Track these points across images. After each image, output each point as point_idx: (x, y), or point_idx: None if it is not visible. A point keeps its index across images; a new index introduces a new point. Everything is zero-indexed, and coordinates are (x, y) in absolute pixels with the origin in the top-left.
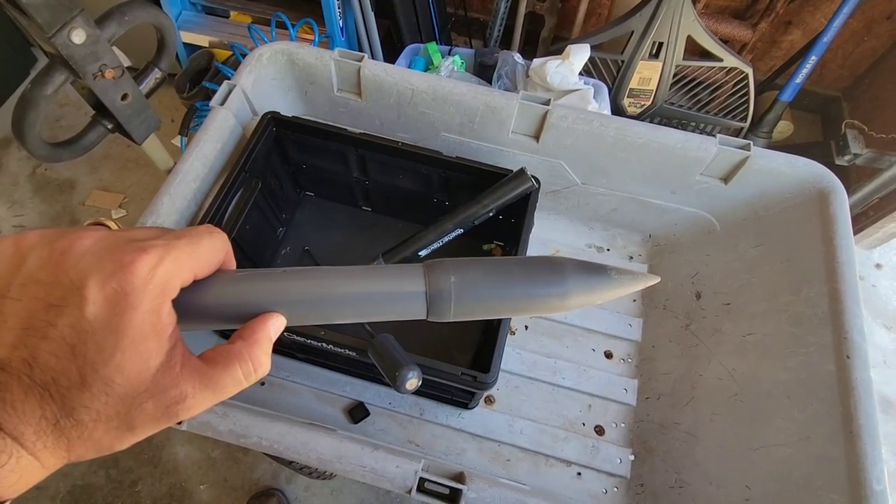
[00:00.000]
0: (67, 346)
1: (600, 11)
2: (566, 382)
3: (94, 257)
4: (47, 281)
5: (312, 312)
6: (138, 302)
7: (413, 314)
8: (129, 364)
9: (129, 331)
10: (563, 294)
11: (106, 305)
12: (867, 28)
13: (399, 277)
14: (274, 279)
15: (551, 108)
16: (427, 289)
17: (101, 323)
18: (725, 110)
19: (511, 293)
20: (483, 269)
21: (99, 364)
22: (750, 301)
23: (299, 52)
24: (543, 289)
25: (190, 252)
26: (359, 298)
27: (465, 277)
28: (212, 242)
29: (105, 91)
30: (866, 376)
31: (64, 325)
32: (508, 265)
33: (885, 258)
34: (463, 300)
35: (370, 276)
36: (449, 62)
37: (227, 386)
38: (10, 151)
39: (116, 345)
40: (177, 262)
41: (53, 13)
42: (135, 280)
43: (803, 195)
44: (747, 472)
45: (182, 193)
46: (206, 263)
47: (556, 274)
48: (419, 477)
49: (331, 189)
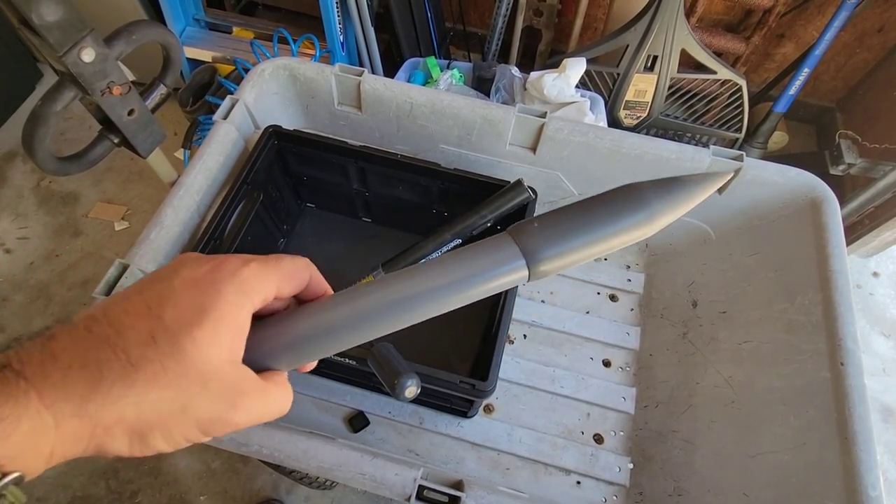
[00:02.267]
0: (144, 306)
1: (596, 25)
2: (565, 391)
3: (197, 256)
4: (169, 270)
5: (415, 312)
6: (224, 288)
7: (516, 281)
8: (205, 341)
9: (210, 310)
10: (649, 217)
11: (193, 285)
12: (859, 40)
13: (491, 253)
14: (348, 302)
15: (547, 121)
16: (523, 252)
17: (187, 296)
18: (720, 121)
19: (600, 231)
20: (566, 215)
21: (175, 329)
22: (745, 309)
23: (300, 68)
24: (629, 218)
25: (274, 266)
26: (461, 286)
27: (551, 229)
28: (293, 262)
29: (112, 107)
30: (860, 383)
31: (151, 291)
32: (589, 204)
33: (881, 266)
34: (557, 251)
35: (464, 262)
36: (448, 76)
37: (277, 404)
38: (14, 164)
39: (193, 317)
40: (262, 268)
41: (65, 33)
42: (222, 272)
43: (796, 204)
44: (745, 480)
45: (185, 206)
46: (288, 277)
47: (637, 199)
48: (418, 484)
49: (331, 201)
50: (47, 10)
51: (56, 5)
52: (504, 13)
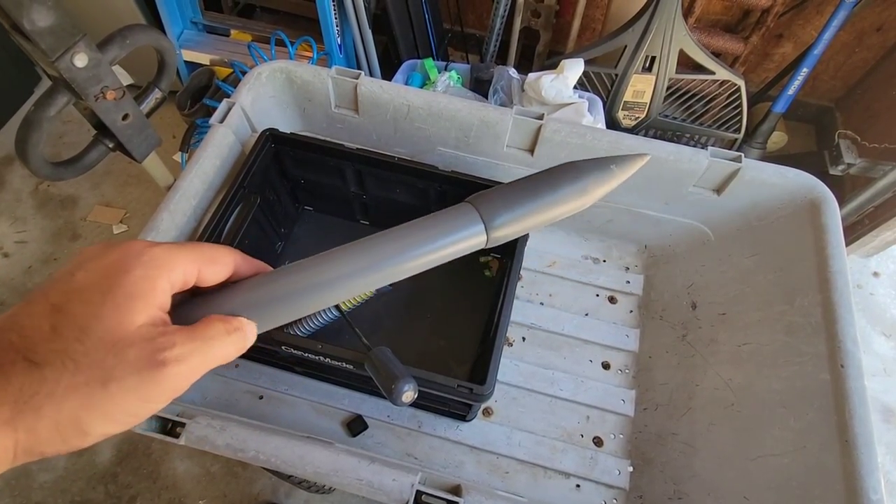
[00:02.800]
0: (49, 307)
1: (594, 26)
2: (564, 394)
3: (104, 246)
4: (67, 272)
5: (384, 271)
6: (131, 267)
7: (475, 245)
8: (109, 315)
9: (116, 290)
10: (585, 188)
11: (99, 271)
12: (858, 40)
13: (453, 219)
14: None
15: (545, 123)
16: (482, 217)
17: (91, 284)
18: (719, 122)
19: (547, 198)
20: (518, 186)
21: (77, 315)
22: (744, 311)
23: (297, 71)
24: (570, 187)
25: (191, 248)
26: (426, 246)
27: (505, 197)
28: (213, 247)
29: (106, 112)
30: (860, 385)
31: (54, 289)
32: (537, 177)
33: (882, 266)
34: (511, 216)
35: (429, 225)
36: (445, 77)
37: (215, 337)
38: (13, 168)
39: (100, 300)
40: (175, 247)
41: (57, 39)
42: (129, 252)
43: (795, 205)
44: (745, 483)
45: (182, 210)
46: (208, 260)
47: (576, 173)
48: (416, 490)
49: (329, 203)
50: (39, 15)
51: (48, 11)
52: (502, 14)
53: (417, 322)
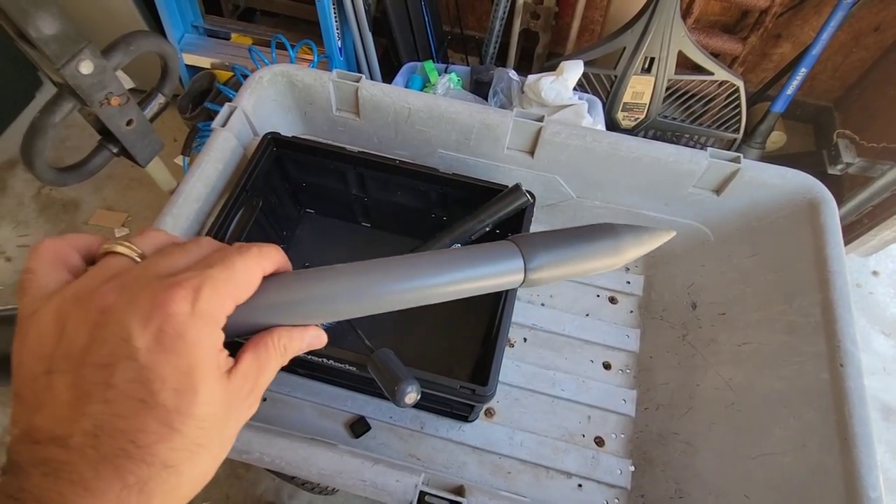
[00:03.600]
0: (137, 402)
1: (593, 28)
2: (565, 394)
3: (128, 302)
4: (89, 342)
5: (418, 293)
6: (197, 337)
7: (511, 282)
8: (214, 393)
9: (201, 365)
10: (618, 248)
11: (161, 349)
12: (855, 40)
13: (494, 252)
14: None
15: (545, 125)
16: (522, 255)
17: (168, 368)
18: (718, 122)
19: (583, 250)
20: (559, 234)
21: (185, 406)
22: (744, 311)
23: (298, 74)
24: (604, 243)
25: (226, 279)
26: (463, 275)
27: (547, 241)
28: (245, 263)
29: (111, 117)
30: (860, 384)
31: (123, 381)
32: (577, 230)
33: (881, 265)
34: (549, 260)
35: (468, 257)
36: (445, 80)
37: (269, 360)
38: (15, 172)
39: (195, 383)
40: (215, 290)
41: (62, 46)
42: (178, 317)
43: (793, 205)
44: (746, 482)
45: (185, 214)
46: (244, 285)
47: (612, 233)
48: (419, 490)
49: (331, 206)
50: (44, 23)
51: (53, 19)
52: (501, 16)
53: (419, 324)
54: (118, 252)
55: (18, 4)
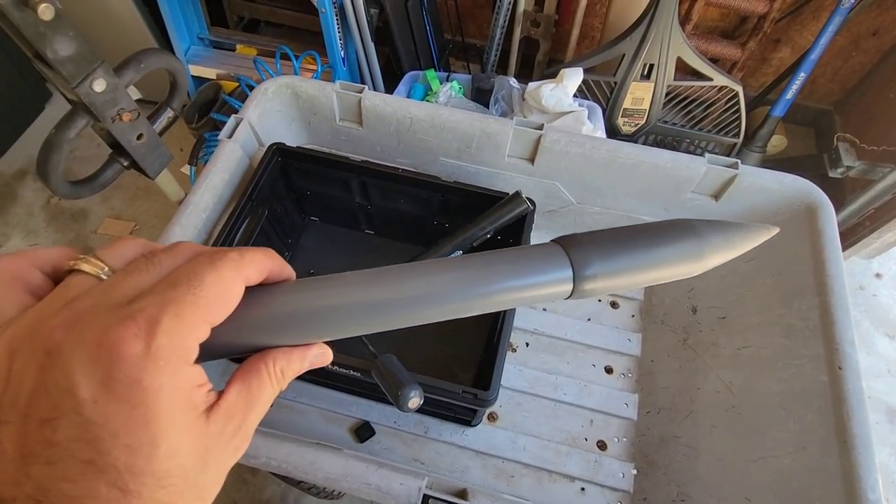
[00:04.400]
0: (83, 463)
1: (593, 35)
2: (567, 398)
3: (76, 342)
4: (34, 390)
5: (446, 308)
6: (155, 382)
7: (556, 296)
8: (182, 443)
9: (162, 415)
10: (701, 252)
11: (110, 399)
12: (854, 44)
13: (535, 258)
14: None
15: (545, 133)
16: (572, 263)
17: (118, 420)
18: (718, 127)
19: (653, 255)
20: (618, 234)
21: (140, 464)
22: (744, 314)
23: (302, 85)
24: (682, 246)
25: (193, 301)
26: (496, 292)
27: (602, 245)
28: (218, 275)
29: (122, 132)
30: (858, 386)
31: (67, 439)
32: (642, 228)
33: (884, 267)
34: (607, 269)
35: (506, 263)
36: (447, 88)
37: (262, 390)
38: (25, 182)
39: (153, 436)
40: (178, 318)
41: (77, 66)
42: (130, 360)
43: (792, 210)
44: (747, 484)
45: (192, 224)
46: (218, 303)
47: (691, 232)
48: (423, 494)
49: (334, 214)
50: (61, 45)
51: (70, 41)
52: (502, 24)
53: (422, 329)
54: (82, 270)
55: (37, 29)
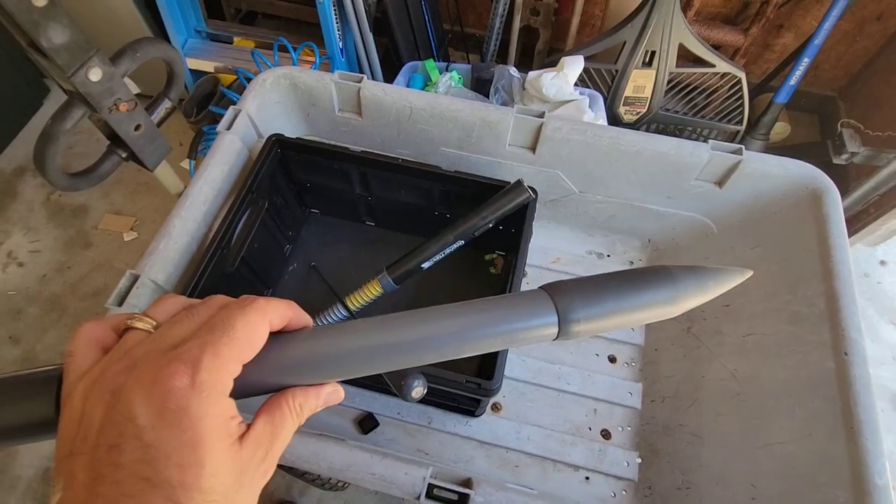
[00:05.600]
0: (142, 480)
1: (593, 23)
2: (571, 388)
3: (134, 382)
4: (102, 423)
5: (439, 351)
6: (200, 411)
7: (543, 338)
8: (222, 464)
9: (206, 438)
10: (675, 297)
11: (164, 425)
12: (858, 29)
13: (527, 308)
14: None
15: (546, 121)
16: (557, 310)
17: (171, 443)
18: (721, 114)
19: (631, 301)
20: (600, 282)
21: (190, 481)
22: (749, 302)
23: (301, 76)
24: (658, 293)
25: (227, 342)
26: (491, 332)
27: (585, 292)
28: (246, 320)
29: (119, 123)
30: (864, 372)
31: (130, 461)
32: (622, 276)
33: (889, 255)
34: (590, 314)
35: (494, 310)
36: (447, 78)
37: (284, 423)
38: (24, 179)
39: (200, 457)
40: (216, 357)
41: (72, 55)
42: (179, 392)
43: (796, 196)
44: (753, 471)
45: (192, 216)
46: (248, 344)
47: (667, 279)
48: (428, 483)
49: (335, 206)
50: (55, 33)
51: (63, 29)
52: (501, 13)
53: None
54: (136, 327)
55: (31, 16)
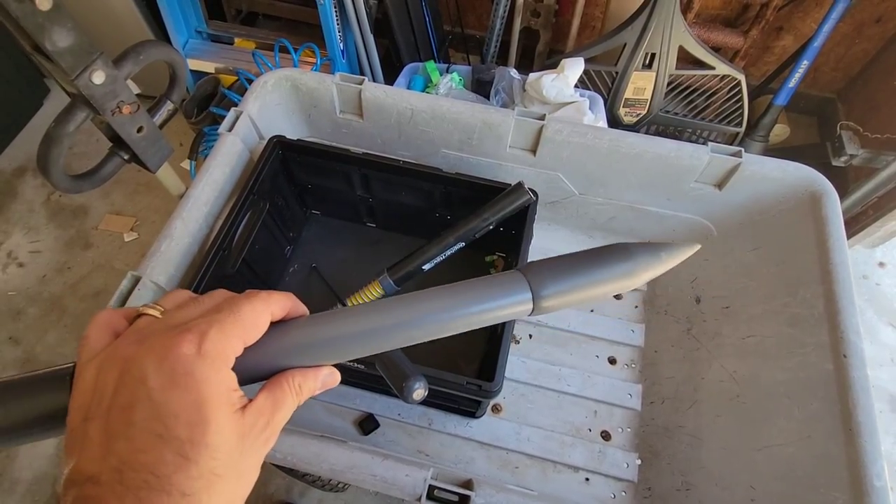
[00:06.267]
0: (154, 437)
1: (593, 25)
2: (571, 389)
3: (146, 350)
4: (115, 389)
5: (423, 329)
6: (204, 375)
7: (520, 313)
8: (225, 425)
9: (210, 400)
10: (633, 270)
11: (173, 387)
12: (857, 31)
13: (504, 286)
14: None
15: (546, 123)
16: (530, 285)
17: (179, 403)
18: (721, 116)
19: (595, 275)
20: (568, 260)
21: (197, 437)
22: (748, 304)
23: (302, 78)
24: (618, 267)
25: (233, 321)
26: (472, 307)
27: (555, 270)
28: (252, 307)
29: (122, 125)
30: (863, 374)
31: (142, 419)
32: (587, 254)
33: (888, 256)
34: (559, 289)
35: (475, 290)
36: (447, 79)
37: (285, 398)
38: (25, 179)
39: (205, 416)
40: (221, 332)
41: (76, 58)
42: (186, 357)
43: (796, 199)
44: (752, 473)
45: (194, 217)
46: (251, 327)
47: (625, 254)
48: (428, 484)
49: (336, 207)
50: (59, 36)
51: (67, 32)
52: (502, 15)
53: None
54: (147, 313)
55: (35, 20)
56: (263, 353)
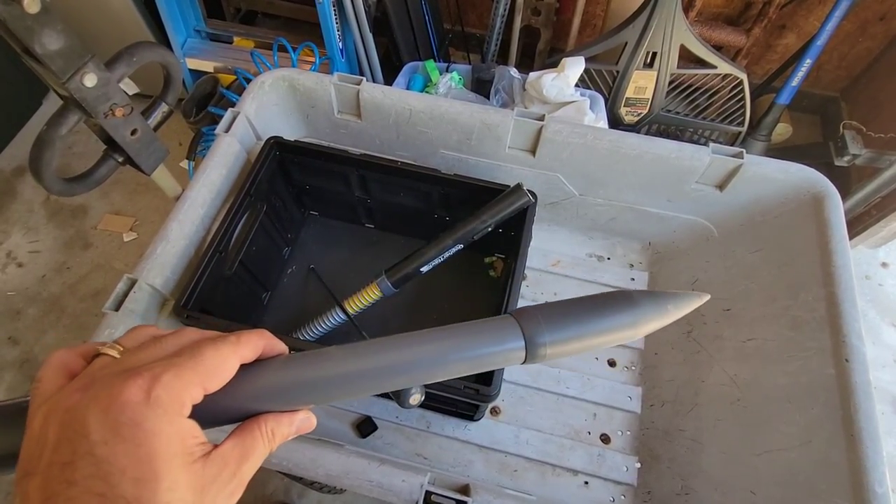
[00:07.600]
0: (96, 497)
1: (595, 23)
2: (571, 392)
3: (89, 399)
4: (56, 443)
5: (412, 375)
6: (154, 425)
7: (512, 361)
8: (180, 480)
9: (161, 452)
10: (636, 322)
11: (118, 440)
12: (861, 29)
13: (495, 333)
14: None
15: (546, 123)
16: (524, 334)
17: (125, 458)
18: (723, 115)
19: (595, 326)
20: (566, 308)
21: (146, 496)
22: (749, 306)
23: (300, 78)
24: (620, 318)
25: (192, 366)
26: (462, 355)
27: (551, 318)
28: (216, 351)
29: (115, 128)
30: (865, 379)
31: (83, 477)
32: (587, 302)
33: (890, 256)
34: (555, 338)
35: (465, 336)
36: (447, 79)
37: (255, 446)
38: (24, 179)
39: (155, 471)
40: (177, 377)
41: (67, 60)
42: (132, 406)
43: (798, 200)
44: (752, 478)
45: (190, 219)
46: (214, 373)
47: (629, 303)
48: (425, 490)
49: (334, 208)
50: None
51: (58, 35)
52: (502, 13)
53: (423, 323)
54: (104, 353)
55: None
56: (233, 397)
